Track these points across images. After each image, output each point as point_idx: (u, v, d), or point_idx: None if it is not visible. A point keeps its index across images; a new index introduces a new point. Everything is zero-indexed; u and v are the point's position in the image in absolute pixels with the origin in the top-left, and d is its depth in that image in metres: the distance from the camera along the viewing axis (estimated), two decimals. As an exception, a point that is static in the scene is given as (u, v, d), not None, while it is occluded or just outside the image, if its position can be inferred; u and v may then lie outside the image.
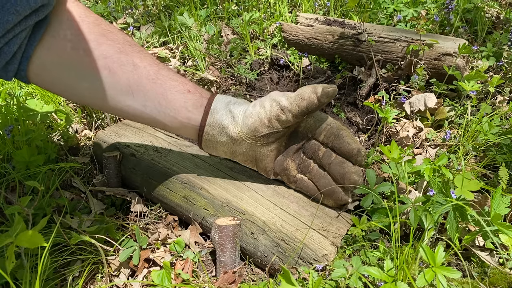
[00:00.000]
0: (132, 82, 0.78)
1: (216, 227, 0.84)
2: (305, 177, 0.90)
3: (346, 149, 0.85)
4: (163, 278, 0.76)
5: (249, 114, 0.82)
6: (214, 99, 0.84)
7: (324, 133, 0.86)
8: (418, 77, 1.30)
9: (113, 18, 1.93)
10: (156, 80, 0.79)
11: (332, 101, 1.51)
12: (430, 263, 0.65)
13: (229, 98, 0.86)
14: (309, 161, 0.90)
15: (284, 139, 0.88)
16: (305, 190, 0.91)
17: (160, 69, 0.81)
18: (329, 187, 0.86)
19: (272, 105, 0.81)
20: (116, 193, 1.06)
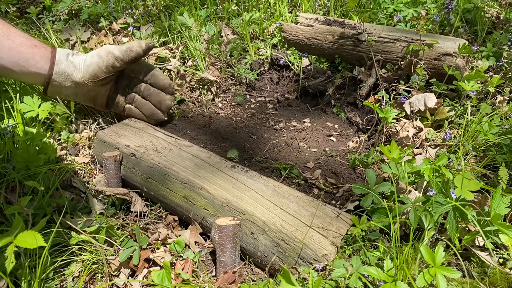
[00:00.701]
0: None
1: (216, 227, 0.84)
2: (132, 106, 1.24)
3: (161, 84, 1.23)
4: (163, 278, 0.76)
5: (89, 64, 1.10)
6: (56, 52, 1.07)
7: (143, 73, 1.21)
8: (418, 77, 1.30)
9: (113, 18, 1.93)
10: (8, 37, 1.00)
11: (332, 101, 1.51)
12: (430, 263, 0.65)
13: (68, 51, 1.10)
14: (134, 94, 1.23)
15: (114, 80, 1.18)
16: (134, 116, 1.25)
17: (11, 28, 1.02)
18: (151, 111, 1.23)
19: (108, 55, 1.10)
20: (116, 193, 1.06)
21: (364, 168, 1.13)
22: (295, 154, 1.23)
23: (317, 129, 1.38)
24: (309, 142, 1.31)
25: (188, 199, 0.96)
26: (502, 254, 0.81)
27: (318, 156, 1.22)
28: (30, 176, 1.03)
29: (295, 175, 1.13)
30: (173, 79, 1.57)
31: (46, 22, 2.00)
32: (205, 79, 1.52)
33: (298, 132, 1.36)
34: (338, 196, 1.06)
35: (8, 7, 2.25)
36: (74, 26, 1.88)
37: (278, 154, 1.23)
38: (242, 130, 1.35)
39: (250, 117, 1.47)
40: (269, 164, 1.17)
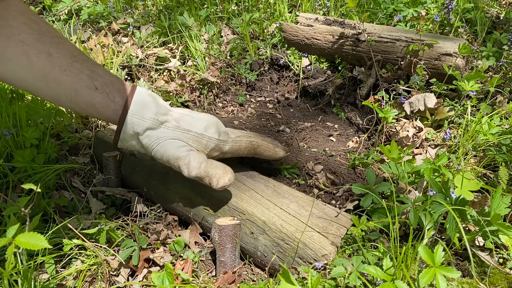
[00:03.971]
0: (47, 71, 0.80)
1: (216, 227, 0.84)
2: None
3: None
4: (164, 280, 0.76)
5: (159, 158, 0.88)
6: (122, 128, 0.85)
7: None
8: (418, 77, 1.30)
9: (113, 18, 1.93)
10: (67, 72, 0.80)
11: (332, 101, 1.51)
12: (429, 263, 0.65)
13: (137, 126, 0.85)
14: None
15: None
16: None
17: (74, 62, 0.81)
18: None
19: (183, 170, 0.87)
20: (116, 193, 1.06)
21: (364, 168, 1.13)
22: (295, 154, 1.23)
23: (317, 129, 1.38)
24: (309, 142, 1.31)
25: (188, 199, 0.96)
26: (502, 254, 0.81)
27: (318, 156, 1.22)
28: (30, 176, 1.03)
29: (296, 174, 1.13)
30: (173, 79, 1.57)
31: (46, 22, 2.00)
32: (205, 80, 1.52)
33: (298, 132, 1.36)
34: (338, 196, 1.06)
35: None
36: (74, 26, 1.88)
37: (278, 154, 1.23)
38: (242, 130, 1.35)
39: (250, 117, 1.47)
40: (269, 164, 1.17)
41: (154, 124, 0.85)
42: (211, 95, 1.54)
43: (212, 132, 0.90)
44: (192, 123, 0.89)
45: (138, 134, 0.85)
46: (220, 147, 0.92)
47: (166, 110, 0.88)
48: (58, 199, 1.01)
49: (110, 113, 0.84)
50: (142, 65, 1.59)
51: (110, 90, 0.84)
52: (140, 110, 0.84)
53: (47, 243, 0.63)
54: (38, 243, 0.63)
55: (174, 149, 0.86)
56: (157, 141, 0.85)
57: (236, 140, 0.95)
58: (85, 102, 0.83)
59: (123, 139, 0.86)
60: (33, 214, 0.91)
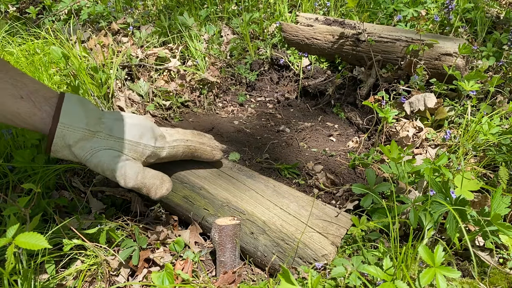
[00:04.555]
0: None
1: (216, 227, 0.84)
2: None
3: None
4: (164, 280, 0.76)
5: (94, 167, 0.85)
6: (53, 141, 0.81)
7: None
8: (418, 77, 1.30)
9: (113, 18, 1.93)
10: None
11: (332, 101, 1.51)
12: (429, 263, 0.65)
13: (69, 137, 0.82)
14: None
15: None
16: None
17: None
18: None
19: (119, 181, 0.85)
20: (116, 193, 1.06)
21: (364, 168, 1.13)
22: (295, 154, 1.23)
23: (317, 129, 1.38)
24: (309, 142, 1.31)
25: (188, 199, 0.96)
26: (502, 254, 0.81)
27: (318, 156, 1.22)
28: (30, 175, 1.03)
29: (296, 174, 1.13)
30: (173, 79, 1.57)
31: (45, 22, 2.00)
32: (205, 80, 1.52)
33: (298, 132, 1.36)
34: (338, 196, 1.06)
35: (7, 7, 2.25)
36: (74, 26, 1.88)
37: (278, 154, 1.23)
38: (242, 130, 1.35)
39: (250, 117, 1.47)
40: (269, 164, 1.17)
41: (86, 135, 0.82)
42: (211, 95, 1.54)
43: (147, 139, 0.88)
44: (125, 130, 0.86)
45: (70, 146, 0.82)
46: (156, 154, 0.90)
47: (97, 118, 0.85)
48: (58, 199, 1.01)
49: (37, 122, 0.81)
50: (142, 65, 1.59)
51: (36, 98, 0.80)
52: (70, 120, 0.81)
53: (47, 243, 0.62)
54: (38, 243, 0.62)
55: (108, 160, 0.84)
56: (90, 152, 0.83)
57: (173, 145, 0.93)
58: (10, 112, 0.78)
59: (55, 150, 0.83)
60: (33, 214, 0.91)
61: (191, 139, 0.97)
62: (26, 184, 0.78)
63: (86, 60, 1.49)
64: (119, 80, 1.50)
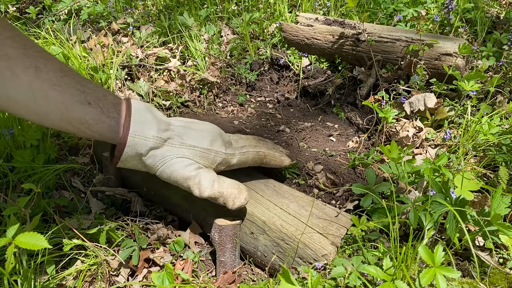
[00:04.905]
0: (35, 86, 0.73)
1: (216, 227, 0.84)
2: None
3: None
4: (164, 280, 0.76)
5: (167, 179, 0.82)
6: (124, 150, 0.78)
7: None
8: (418, 77, 1.30)
9: (113, 18, 1.93)
10: (57, 87, 0.74)
11: (332, 101, 1.51)
12: (429, 263, 0.65)
13: (141, 149, 0.79)
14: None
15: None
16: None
17: (64, 76, 0.75)
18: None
19: (194, 191, 0.82)
20: (116, 193, 1.06)
21: (364, 168, 1.13)
22: (295, 154, 1.23)
23: (317, 129, 1.38)
24: (309, 142, 1.31)
25: (188, 199, 0.96)
26: (502, 254, 0.81)
27: (318, 156, 1.22)
28: (30, 175, 1.03)
29: (296, 174, 1.13)
30: (173, 79, 1.57)
31: (45, 22, 2.00)
32: (205, 80, 1.52)
33: (298, 132, 1.36)
34: (338, 196, 1.06)
35: (7, 7, 2.25)
36: (74, 26, 1.88)
37: (278, 154, 1.23)
38: (242, 130, 1.35)
39: (250, 117, 1.47)
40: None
41: (157, 143, 0.79)
42: (211, 95, 1.54)
43: (218, 146, 0.86)
44: (196, 137, 0.84)
45: (141, 155, 0.79)
46: (227, 161, 0.87)
47: (167, 124, 0.83)
48: (58, 199, 1.01)
49: (105, 130, 0.77)
50: (142, 65, 1.59)
51: (103, 104, 0.77)
52: (141, 128, 0.78)
53: (47, 243, 0.63)
54: (38, 243, 0.62)
55: (182, 169, 0.81)
56: (162, 161, 0.80)
57: (244, 151, 0.90)
58: (77, 119, 0.75)
59: (124, 160, 0.80)
60: (33, 214, 0.91)
61: (257, 144, 0.94)
62: (26, 184, 0.78)
63: (86, 60, 1.49)
64: (119, 80, 1.50)
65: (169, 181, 0.82)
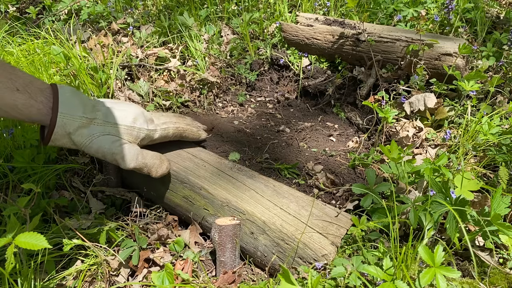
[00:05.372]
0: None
1: (216, 227, 0.84)
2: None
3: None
4: (164, 280, 0.76)
5: (94, 153, 0.90)
6: (55, 123, 0.84)
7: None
8: (418, 77, 1.30)
9: (113, 18, 1.92)
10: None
11: (332, 101, 1.51)
12: (429, 263, 0.65)
13: (69, 126, 0.85)
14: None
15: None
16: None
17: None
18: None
19: (120, 163, 0.91)
20: (116, 193, 1.06)
21: (364, 168, 1.13)
22: (295, 154, 1.23)
23: (317, 129, 1.38)
24: (309, 142, 1.31)
25: (188, 199, 0.96)
26: (502, 254, 0.81)
27: (318, 156, 1.22)
28: (30, 175, 1.03)
29: (296, 174, 1.13)
30: (173, 79, 1.57)
31: (45, 22, 2.00)
32: (205, 80, 1.52)
33: (298, 132, 1.36)
34: (338, 196, 1.06)
35: (7, 7, 2.25)
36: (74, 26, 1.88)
37: (278, 154, 1.23)
38: (242, 130, 1.35)
39: (250, 117, 1.47)
40: (269, 164, 1.17)
41: (84, 122, 0.87)
42: (211, 95, 1.54)
43: (141, 123, 0.94)
44: (120, 116, 0.92)
45: (70, 133, 0.86)
46: (150, 136, 0.97)
47: (92, 106, 0.90)
48: (58, 199, 1.01)
49: (34, 113, 0.83)
50: (142, 65, 1.59)
51: (31, 90, 0.83)
52: (69, 110, 0.85)
53: (47, 243, 0.63)
54: (38, 243, 0.63)
55: (108, 145, 0.89)
56: (90, 138, 0.88)
57: (164, 127, 1.00)
58: (8, 105, 0.81)
59: (54, 139, 0.86)
60: (33, 214, 0.91)
61: (177, 121, 1.05)
62: (26, 184, 0.78)
63: (86, 60, 1.49)
64: (119, 80, 1.49)
65: (97, 156, 0.90)
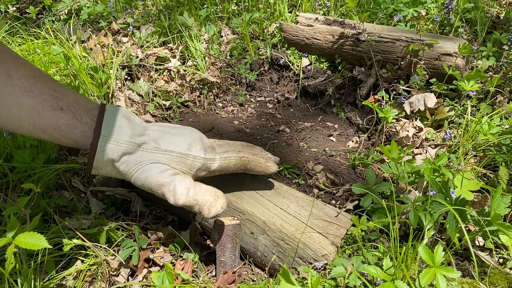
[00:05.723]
0: (6, 93, 0.71)
1: (216, 227, 0.84)
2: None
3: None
4: (164, 280, 0.76)
5: (141, 186, 0.79)
6: (95, 156, 0.75)
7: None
8: (418, 77, 1.30)
9: (113, 18, 1.93)
10: (29, 93, 0.71)
11: (332, 101, 1.51)
12: (429, 263, 0.65)
13: (112, 154, 0.76)
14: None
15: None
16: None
17: (36, 82, 0.73)
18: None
19: (169, 198, 0.79)
20: (116, 193, 1.06)
21: (364, 168, 1.13)
22: (295, 154, 1.23)
23: (317, 129, 1.38)
24: (309, 142, 1.31)
25: (188, 199, 0.96)
26: (502, 254, 0.81)
27: (318, 156, 1.22)
28: (30, 175, 1.03)
29: (296, 174, 1.13)
30: (173, 79, 1.57)
31: (45, 22, 2.00)
32: (205, 80, 1.52)
33: (298, 132, 1.36)
34: (338, 196, 1.06)
35: (7, 7, 2.25)
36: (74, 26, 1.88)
37: (278, 154, 1.23)
38: (242, 130, 1.35)
39: (250, 117, 1.47)
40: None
41: (130, 148, 0.76)
42: (211, 95, 1.54)
43: (196, 150, 0.82)
44: (173, 141, 0.80)
45: (114, 161, 0.76)
46: (207, 166, 0.83)
47: (143, 129, 0.79)
48: (58, 199, 1.01)
49: (78, 136, 0.75)
50: (142, 65, 1.59)
51: (76, 110, 0.75)
52: (113, 133, 0.75)
53: (47, 243, 0.63)
54: (38, 243, 0.62)
55: (156, 175, 0.77)
56: (136, 167, 0.77)
57: (225, 156, 0.85)
58: (50, 126, 0.73)
59: (96, 167, 0.77)
60: (33, 214, 0.91)
61: (242, 150, 0.90)
62: (26, 184, 0.78)
63: (86, 60, 1.49)
64: (119, 80, 1.50)
65: (144, 188, 0.79)
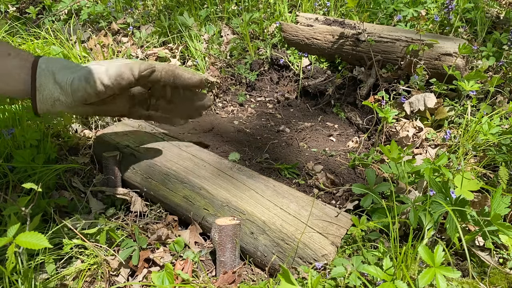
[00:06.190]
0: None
1: (216, 227, 0.84)
2: (156, 112, 1.05)
3: (187, 83, 0.98)
4: (164, 280, 0.76)
5: (76, 88, 0.87)
6: (37, 71, 0.86)
7: (162, 80, 0.96)
8: (418, 77, 1.30)
9: (113, 18, 1.93)
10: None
11: (332, 101, 1.51)
12: (429, 263, 0.65)
13: (52, 66, 0.87)
14: (159, 101, 1.04)
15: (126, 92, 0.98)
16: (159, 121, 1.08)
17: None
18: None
19: (96, 82, 0.87)
20: (116, 193, 1.06)
21: (364, 168, 1.13)
22: (295, 154, 1.23)
23: (317, 129, 1.38)
24: (309, 142, 1.31)
25: (188, 199, 0.96)
26: (502, 254, 0.81)
27: (318, 156, 1.22)
28: (30, 175, 1.03)
29: (296, 174, 1.13)
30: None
31: (45, 22, 2.00)
32: (205, 80, 1.52)
33: (298, 132, 1.36)
34: (338, 196, 1.06)
35: (7, 7, 2.25)
36: (74, 26, 1.88)
37: (278, 154, 1.23)
38: (242, 130, 1.35)
39: (250, 117, 1.47)
40: (269, 164, 1.17)
41: (65, 64, 0.88)
42: (211, 95, 1.54)
43: (123, 62, 0.91)
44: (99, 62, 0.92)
45: (54, 73, 0.86)
46: (132, 68, 0.90)
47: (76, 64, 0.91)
48: (58, 199, 1.01)
49: (25, 73, 0.85)
50: (142, 65, 1.59)
51: (22, 55, 0.86)
52: (47, 60, 0.87)
53: (48, 243, 0.63)
54: (38, 243, 0.63)
55: (86, 74, 0.87)
56: (71, 76, 0.86)
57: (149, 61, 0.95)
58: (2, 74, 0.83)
59: (39, 86, 0.86)
60: (33, 214, 0.91)
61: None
62: (27, 184, 0.78)
63: (86, 60, 1.49)
64: (119, 80, 1.49)
65: (79, 90, 0.86)
